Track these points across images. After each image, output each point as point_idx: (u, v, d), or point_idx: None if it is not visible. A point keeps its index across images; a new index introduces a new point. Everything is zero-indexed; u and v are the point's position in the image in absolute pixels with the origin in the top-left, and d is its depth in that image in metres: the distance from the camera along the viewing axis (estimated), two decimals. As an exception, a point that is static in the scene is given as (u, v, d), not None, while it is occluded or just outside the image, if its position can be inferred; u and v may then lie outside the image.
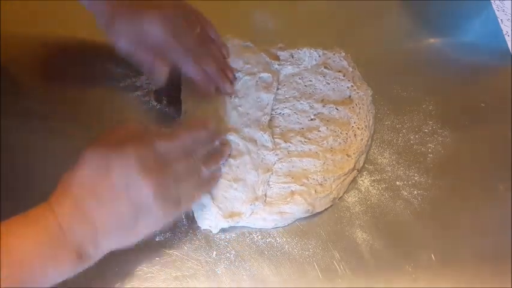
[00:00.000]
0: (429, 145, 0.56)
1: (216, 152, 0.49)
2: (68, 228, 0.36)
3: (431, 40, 0.65)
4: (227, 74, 0.55)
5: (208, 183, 0.48)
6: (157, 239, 0.48)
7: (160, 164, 0.40)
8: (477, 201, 0.53)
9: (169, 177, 0.41)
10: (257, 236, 0.50)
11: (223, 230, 0.49)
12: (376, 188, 0.53)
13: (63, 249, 0.36)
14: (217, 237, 0.49)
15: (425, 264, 0.49)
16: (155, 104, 0.57)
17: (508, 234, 0.51)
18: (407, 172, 0.54)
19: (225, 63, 0.56)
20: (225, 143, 0.50)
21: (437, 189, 0.53)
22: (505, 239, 0.50)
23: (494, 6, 0.67)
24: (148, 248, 0.47)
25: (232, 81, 0.55)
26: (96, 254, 0.38)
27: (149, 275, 0.47)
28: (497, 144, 0.57)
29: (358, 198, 0.52)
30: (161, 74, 0.50)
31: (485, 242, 0.50)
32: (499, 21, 0.66)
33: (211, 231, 0.49)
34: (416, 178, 0.54)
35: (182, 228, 0.49)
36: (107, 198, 0.37)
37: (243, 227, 0.50)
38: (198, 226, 0.49)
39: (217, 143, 0.49)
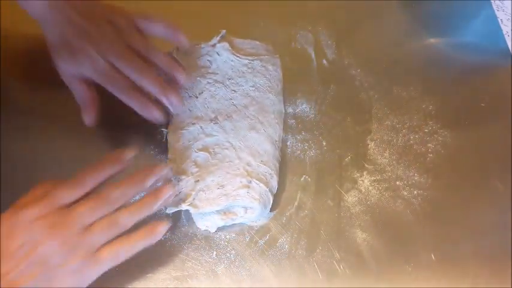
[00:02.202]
0: (429, 145, 0.56)
1: (152, 193, 0.44)
2: None
3: (431, 40, 0.65)
4: (171, 85, 0.51)
5: (126, 227, 0.42)
6: (157, 239, 0.48)
7: (66, 218, 0.40)
8: (477, 201, 0.53)
9: (74, 228, 0.40)
10: (257, 236, 0.50)
11: (223, 230, 0.49)
12: (376, 188, 0.53)
13: None
14: (217, 237, 0.49)
15: (425, 264, 0.49)
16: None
17: (507, 234, 0.51)
18: (407, 172, 0.54)
19: (167, 64, 0.51)
20: (166, 182, 0.45)
21: (437, 189, 0.53)
22: (505, 239, 0.50)
23: (494, 6, 0.67)
24: (148, 248, 0.46)
25: (178, 89, 0.52)
26: None
27: (149, 275, 0.47)
28: (497, 144, 0.57)
29: (358, 198, 0.52)
30: (87, 112, 0.50)
31: (485, 242, 0.50)
32: (499, 21, 0.66)
33: (210, 232, 0.49)
34: (416, 178, 0.54)
35: (182, 228, 0.50)
36: (19, 258, 0.38)
37: (243, 226, 0.50)
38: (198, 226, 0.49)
39: (149, 183, 0.44)
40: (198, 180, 0.50)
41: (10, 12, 0.61)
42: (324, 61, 0.62)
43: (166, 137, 0.54)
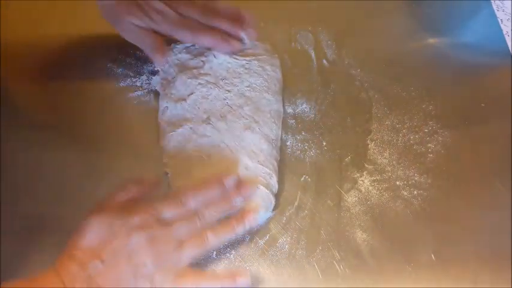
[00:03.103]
0: (429, 145, 0.56)
1: (235, 214, 0.46)
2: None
3: (431, 40, 0.65)
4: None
5: (213, 247, 0.45)
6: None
7: (162, 230, 0.42)
8: (477, 201, 0.53)
9: (170, 243, 0.42)
10: (257, 236, 0.50)
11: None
12: (376, 188, 0.53)
13: None
14: (217, 237, 0.49)
15: (425, 264, 0.49)
16: (155, 104, 0.57)
17: (508, 234, 0.50)
18: (407, 172, 0.54)
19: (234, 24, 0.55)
20: (250, 207, 0.47)
21: (437, 189, 0.53)
22: (505, 239, 0.50)
23: (494, 6, 0.67)
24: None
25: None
26: None
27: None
28: (497, 144, 0.57)
29: (358, 198, 0.52)
30: (161, 56, 0.54)
31: (485, 242, 0.50)
32: (499, 21, 0.66)
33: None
34: (416, 178, 0.54)
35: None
36: (110, 262, 0.40)
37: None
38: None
39: (239, 202, 0.47)
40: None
41: (10, 13, 0.61)
42: (324, 61, 0.62)
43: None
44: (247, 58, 0.57)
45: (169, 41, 0.57)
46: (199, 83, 0.55)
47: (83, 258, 0.39)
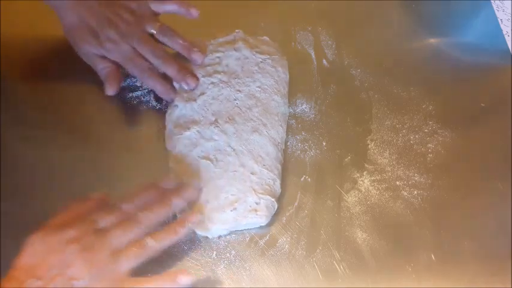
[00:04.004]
0: (429, 145, 0.56)
1: (178, 220, 0.46)
2: None
3: (431, 40, 0.65)
4: (189, 68, 0.54)
5: (153, 253, 0.44)
6: (157, 239, 0.48)
7: (96, 240, 0.41)
8: (477, 201, 0.53)
9: (105, 252, 0.41)
10: (257, 236, 0.50)
11: (223, 230, 0.50)
12: (376, 188, 0.53)
13: None
14: (217, 238, 0.49)
15: (425, 264, 0.49)
16: (155, 104, 0.57)
17: (507, 234, 0.50)
18: (407, 172, 0.54)
19: (186, 48, 0.54)
20: (186, 208, 0.47)
21: (437, 189, 0.53)
22: (505, 239, 0.50)
23: (494, 6, 0.67)
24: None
25: (195, 75, 0.54)
26: None
27: (149, 275, 0.47)
28: (497, 144, 0.57)
29: (358, 198, 0.52)
30: (110, 85, 0.53)
31: (485, 242, 0.50)
32: (499, 21, 0.66)
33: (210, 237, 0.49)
34: (416, 178, 0.54)
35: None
36: (46, 278, 0.39)
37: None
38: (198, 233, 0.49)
39: (179, 205, 0.46)
40: (207, 201, 0.49)
41: (10, 13, 0.61)
42: (324, 61, 0.62)
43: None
44: (262, 56, 0.57)
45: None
46: (212, 82, 0.55)
47: (20, 277, 0.39)
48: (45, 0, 0.53)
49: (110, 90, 0.53)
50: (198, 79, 0.54)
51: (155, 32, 0.54)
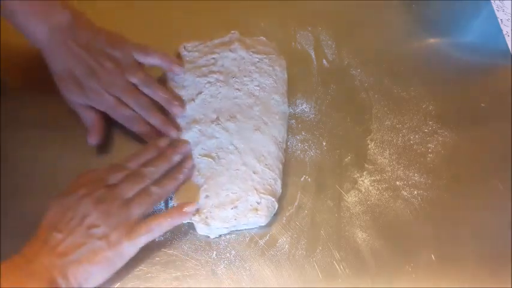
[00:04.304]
0: (429, 145, 0.56)
1: (175, 168, 0.50)
2: (34, 260, 0.42)
3: (431, 40, 0.65)
4: (172, 120, 0.54)
5: (160, 198, 0.49)
6: (157, 240, 0.48)
7: (107, 192, 0.46)
8: (477, 201, 0.53)
9: (117, 201, 0.45)
10: (257, 236, 0.50)
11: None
12: (376, 188, 0.53)
13: (30, 278, 0.41)
14: (217, 238, 0.49)
15: (425, 264, 0.49)
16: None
17: (508, 234, 0.51)
18: (407, 172, 0.54)
19: (166, 101, 0.54)
20: (186, 159, 0.51)
21: (437, 189, 0.53)
22: (505, 239, 0.50)
23: (494, 6, 0.67)
24: (148, 248, 0.47)
25: (177, 127, 0.53)
26: (69, 283, 0.42)
27: (149, 275, 0.47)
28: (497, 144, 0.57)
29: (358, 198, 0.52)
30: (93, 135, 0.53)
31: (485, 242, 0.50)
32: (499, 21, 0.66)
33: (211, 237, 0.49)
34: (416, 178, 0.54)
35: (182, 229, 0.50)
36: (66, 231, 0.43)
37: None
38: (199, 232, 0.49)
39: (176, 158, 0.50)
40: (207, 196, 0.49)
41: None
42: (324, 61, 0.62)
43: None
44: (259, 56, 0.57)
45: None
46: (208, 82, 0.55)
47: (43, 235, 0.43)
48: (34, 41, 0.53)
49: (92, 140, 0.53)
50: (179, 129, 0.53)
51: (137, 83, 0.53)
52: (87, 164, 0.53)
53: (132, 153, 0.50)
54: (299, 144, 0.55)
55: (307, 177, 0.53)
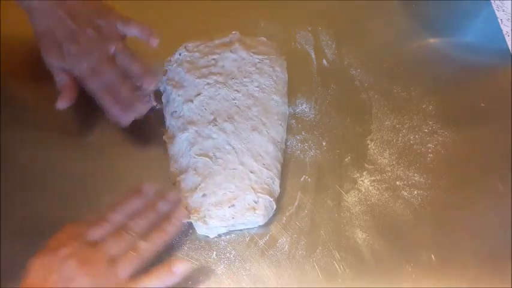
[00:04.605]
0: (429, 145, 0.56)
1: (164, 219, 0.47)
2: None
3: (431, 40, 0.65)
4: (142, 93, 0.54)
5: (148, 254, 0.45)
6: (157, 239, 0.48)
7: (91, 251, 0.42)
8: (477, 201, 0.53)
9: (103, 261, 0.42)
10: (257, 236, 0.50)
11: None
12: (376, 188, 0.53)
13: None
14: (217, 238, 0.49)
15: (425, 264, 0.49)
16: (155, 104, 0.57)
17: (507, 234, 0.50)
18: (407, 172, 0.54)
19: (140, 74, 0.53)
20: (176, 208, 0.48)
21: (437, 189, 0.53)
22: (505, 239, 0.50)
23: (494, 6, 0.67)
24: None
25: (148, 99, 0.54)
26: None
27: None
28: (497, 144, 0.57)
29: (358, 198, 0.52)
30: (64, 97, 0.52)
31: (485, 242, 0.50)
32: (499, 21, 0.66)
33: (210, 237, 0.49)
34: (416, 178, 0.54)
35: (182, 229, 0.49)
36: None
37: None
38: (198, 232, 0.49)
39: (164, 208, 0.47)
40: (205, 195, 0.49)
41: (10, 12, 0.61)
42: (324, 61, 0.62)
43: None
44: (260, 56, 0.57)
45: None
46: (208, 83, 0.55)
47: None
48: (20, 0, 0.53)
49: (61, 103, 0.52)
50: (146, 109, 0.53)
51: (116, 52, 0.53)
52: (87, 164, 0.53)
53: (115, 202, 0.46)
54: (299, 144, 0.55)
55: (307, 177, 0.53)
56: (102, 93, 0.52)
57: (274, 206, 0.50)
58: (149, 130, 0.55)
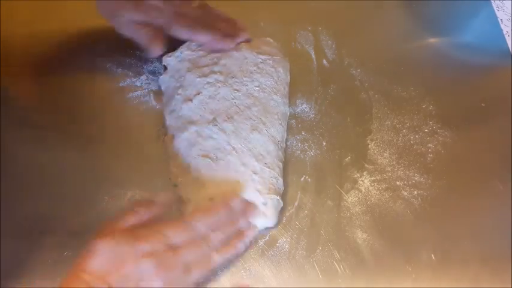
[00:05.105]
0: (429, 145, 0.56)
1: (237, 234, 0.47)
2: None
3: (431, 40, 0.65)
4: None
5: (217, 266, 0.46)
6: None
7: (170, 257, 0.42)
8: (477, 201, 0.53)
9: (178, 269, 0.42)
10: (257, 236, 0.50)
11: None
12: (376, 188, 0.53)
13: None
14: (217, 237, 0.49)
15: (425, 264, 0.49)
16: (155, 104, 0.57)
17: (507, 234, 0.51)
18: (407, 172, 0.54)
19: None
20: (249, 226, 0.48)
21: (437, 189, 0.53)
22: (505, 239, 0.50)
23: (494, 6, 0.67)
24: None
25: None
26: None
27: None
28: (497, 144, 0.57)
29: (358, 198, 0.52)
30: (157, 45, 0.54)
31: (485, 242, 0.50)
32: (499, 21, 0.66)
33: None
34: (416, 178, 0.54)
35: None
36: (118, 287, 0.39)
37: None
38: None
39: (243, 224, 0.48)
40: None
41: (10, 13, 0.61)
42: (324, 61, 0.62)
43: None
44: (263, 57, 0.57)
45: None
46: (208, 82, 0.54)
47: (90, 281, 0.39)
48: None
49: (155, 51, 0.54)
50: (234, 44, 0.56)
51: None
52: (87, 163, 0.53)
53: (201, 212, 0.46)
54: (299, 144, 0.55)
55: (307, 177, 0.53)
56: (191, 33, 0.55)
57: (282, 204, 0.50)
58: (149, 130, 0.55)
